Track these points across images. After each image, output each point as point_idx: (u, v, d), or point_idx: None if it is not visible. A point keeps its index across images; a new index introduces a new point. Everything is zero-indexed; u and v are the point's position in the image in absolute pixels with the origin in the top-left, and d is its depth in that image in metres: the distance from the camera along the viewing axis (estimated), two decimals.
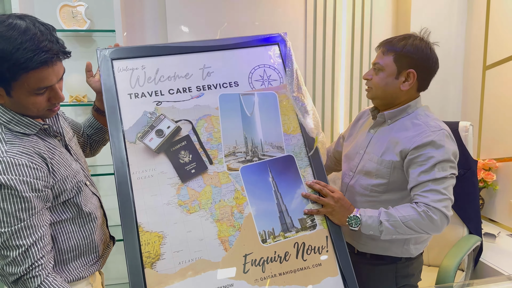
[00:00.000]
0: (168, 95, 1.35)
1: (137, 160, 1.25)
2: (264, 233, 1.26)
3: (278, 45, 1.50)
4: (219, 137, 1.34)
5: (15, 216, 0.98)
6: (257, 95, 1.42)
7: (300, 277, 1.23)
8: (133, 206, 1.20)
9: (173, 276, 1.16)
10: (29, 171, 0.99)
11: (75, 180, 1.13)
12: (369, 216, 1.29)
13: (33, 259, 1.00)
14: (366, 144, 1.44)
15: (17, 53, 0.93)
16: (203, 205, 1.25)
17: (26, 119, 1.05)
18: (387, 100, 1.39)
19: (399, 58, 1.33)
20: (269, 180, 1.32)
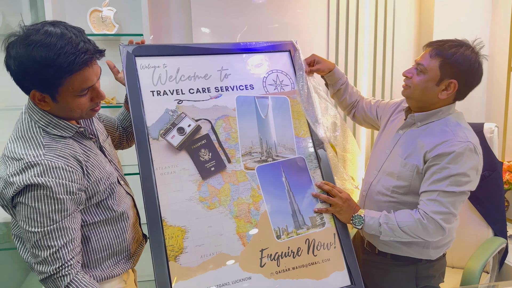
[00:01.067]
0: (189, 94, 1.40)
1: (160, 157, 1.29)
2: (278, 229, 1.33)
3: (290, 52, 1.59)
4: (237, 137, 1.40)
5: (49, 217, 1.00)
6: (270, 99, 1.49)
7: (311, 271, 1.32)
8: (157, 201, 1.23)
9: (196, 269, 1.21)
10: (65, 174, 1.01)
11: (108, 182, 1.15)
12: (371, 217, 1.36)
13: (63, 260, 1.02)
14: (393, 144, 1.44)
15: (59, 58, 0.95)
16: (223, 201, 1.31)
17: (64, 122, 1.07)
18: (422, 103, 1.36)
19: (445, 66, 1.27)
20: (282, 180, 1.40)
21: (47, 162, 0.99)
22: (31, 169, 0.98)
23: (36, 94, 1.01)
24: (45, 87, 0.99)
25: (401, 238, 1.35)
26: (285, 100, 1.52)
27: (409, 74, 1.35)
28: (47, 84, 0.98)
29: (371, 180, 1.48)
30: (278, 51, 1.57)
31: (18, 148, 1.01)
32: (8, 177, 0.98)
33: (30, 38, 0.95)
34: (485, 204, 1.78)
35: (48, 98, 1.02)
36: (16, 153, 1.00)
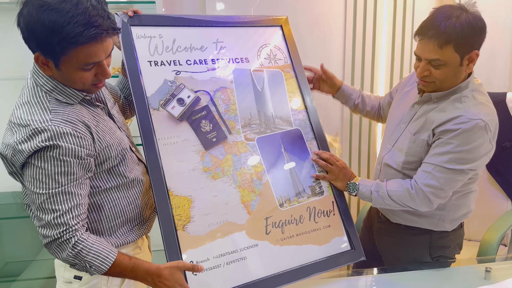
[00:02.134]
0: (186, 66, 1.38)
1: (161, 127, 1.26)
2: (281, 198, 1.35)
3: (281, 28, 1.60)
4: (235, 109, 1.40)
5: (55, 179, 0.96)
6: (266, 72, 1.50)
7: (314, 237, 1.36)
8: (162, 171, 1.21)
9: (204, 237, 1.20)
10: (73, 139, 0.98)
11: (120, 148, 1.12)
12: (364, 185, 1.39)
13: (67, 225, 0.98)
14: (408, 119, 1.38)
15: (68, 26, 0.91)
16: (226, 172, 1.30)
17: (69, 89, 1.02)
18: (453, 86, 1.28)
19: (459, 46, 1.18)
20: (281, 150, 1.42)
21: (54, 128, 0.95)
22: (38, 136, 0.94)
23: (40, 57, 0.97)
24: (48, 53, 0.95)
25: (390, 206, 1.35)
26: (280, 73, 1.53)
27: (427, 72, 1.24)
28: (51, 50, 0.94)
29: (384, 153, 1.45)
30: (270, 26, 1.58)
31: (24, 114, 0.97)
32: (16, 144, 0.94)
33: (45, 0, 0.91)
34: (505, 176, 1.72)
35: (51, 64, 0.98)
36: (22, 119, 0.96)
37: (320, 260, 1.33)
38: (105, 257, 1.02)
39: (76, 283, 1.12)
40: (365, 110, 1.68)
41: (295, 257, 1.30)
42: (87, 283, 1.12)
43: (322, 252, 1.35)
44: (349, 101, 1.67)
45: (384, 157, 1.44)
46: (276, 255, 1.28)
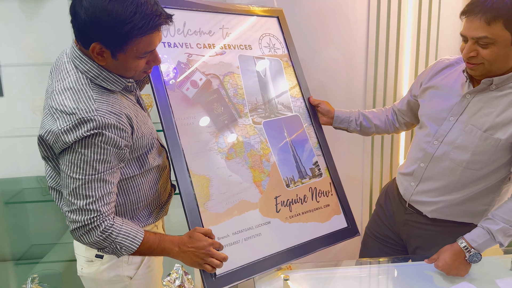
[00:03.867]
0: (197, 49, 1.40)
1: (178, 108, 1.28)
2: (287, 179, 1.43)
3: (278, 19, 1.68)
4: (243, 94, 1.45)
5: (93, 166, 0.96)
6: (267, 60, 1.57)
7: (317, 215, 1.45)
8: (182, 150, 1.23)
9: (223, 215, 1.24)
10: (116, 130, 0.98)
11: (151, 137, 1.13)
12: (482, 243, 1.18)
13: (98, 212, 0.99)
14: (460, 110, 1.25)
15: (135, 16, 0.92)
16: (238, 153, 1.35)
17: (114, 75, 1.02)
18: (503, 70, 1.17)
19: (510, 23, 1.08)
20: (284, 134, 1.50)
21: (100, 119, 0.95)
22: (85, 125, 0.93)
23: (97, 47, 0.95)
24: (111, 43, 0.95)
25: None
26: (279, 62, 1.61)
27: (473, 53, 1.14)
28: (116, 40, 0.94)
29: (433, 151, 1.31)
30: (268, 16, 1.65)
31: (67, 101, 0.95)
32: (61, 132, 0.93)
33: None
34: None
35: (108, 54, 0.97)
36: (67, 106, 0.94)
37: (323, 236, 1.43)
38: (134, 236, 1.03)
39: (98, 261, 1.11)
40: (373, 125, 1.56)
41: (302, 233, 1.39)
42: (108, 261, 1.12)
43: (324, 228, 1.45)
44: (351, 124, 1.56)
45: (434, 154, 1.30)
46: (286, 231, 1.35)
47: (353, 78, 2.10)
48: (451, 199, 1.31)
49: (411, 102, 1.50)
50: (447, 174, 1.29)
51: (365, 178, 2.20)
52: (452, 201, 1.31)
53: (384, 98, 2.11)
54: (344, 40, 2.05)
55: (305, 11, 2.00)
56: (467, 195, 1.29)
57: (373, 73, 2.09)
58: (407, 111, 1.53)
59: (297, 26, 1.87)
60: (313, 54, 2.06)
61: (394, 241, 1.51)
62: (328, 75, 2.09)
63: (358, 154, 2.19)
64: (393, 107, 1.60)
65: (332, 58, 2.06)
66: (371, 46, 2.07)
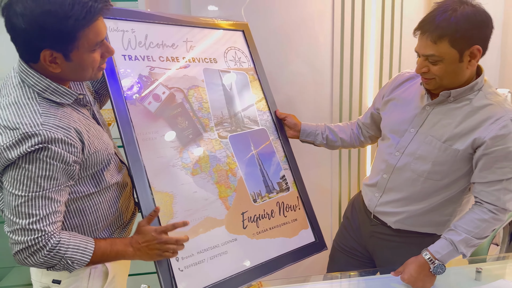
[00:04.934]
0: (159, 62, 1.36)
1: (139, 122, 1.23)
2: (254, 194, 1.40)
3: (243, 32, 1.67)
4: (208, 107, 1.42)
5: (37, 182, 0.90)
6: (233, 73, 1.55)
7: (285, 230, 1.43)
8: (144, 167, 1.18)
9: (187, 233, 1.19)
10: (63, 146, 0.92)
11: (106, 153, 1.07)
12: (445, 255, 1.20)
13: (43, 232, 0.92)
14: (420, 122, 1.27)
15: (74, 8, 0.87)
16: (203, 168, 1.32)
17: (63, 88, 0.97)
18: (455, 84, 1.20)
19: (456, 41, 1.11)
20: (251, 148, 1.48)
21: (45, 133, 0.89)
22: (29, 140, 0.87)
23: (47, 55, 0.90)
24: (60, 44, 0.90)
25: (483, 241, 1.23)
26: (245, 75, 1.60)
27: (425, 69, 1.19)
28: (64, 39, 0.89)
29: (394, 162, 1.32)
30: (234, 30, 1.64)
31: (12, 116, 0.89)
32: (4, 148, 0.87)
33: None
34: None
35: (60, 58, 0.92)
36: (11, 122, 0.88)
37: (291, 251, 1.41)
38: (84, 248, 0.98)
39: (55, 287, 1.03)
40: (339, 138, 1.57)
41: (269, 249, 1.36)
42: (67, 287, 1.04)
43: (292, 244, 1.43)
44: (317, 137, 1.57)
45: (396, 165, 1.32)
46: (253, 248, 1.32)
47: (320, 91, 2.12)
48: (413, 210, 1.32)
49: (374, 115, 1.52)
50: (409, 185, 1.31)
51: (334, 190, 2.21)
52: (415, 212, 1.32)
53: (350, 111, 2.14)
54: (310, 54, 2.08)
55: (271, 25, 2.01)
56: (429, 206, 1.30)
57: (338, 87, 2.12)
58: (371, 124, 1.56)
59: (263, 40, 1.88)
60: (280, 68, 2.07)
61: (361, 253, 1.51)
62: (296, 89, 2.10)
63: (326, 166, 2.20)
64: (358, 121, 1.62)
65: (299, 72, 2.08)
66: (336, 60, 2.11)
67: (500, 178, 1.17)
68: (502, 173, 1.17)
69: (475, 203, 1.25)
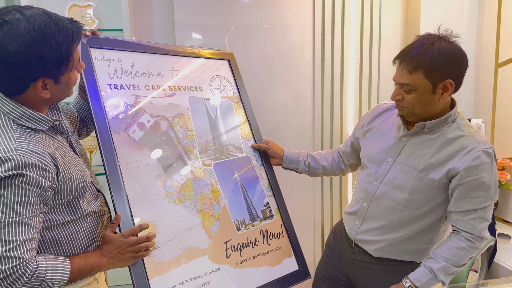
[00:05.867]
0: (145, 91, 1.38)
1: (123, 151, 1.23)
2: (237, 222, 1.40)
3: (229, 61, 1.71)
4: (193, 135, 1.43)
5: (13, 208, 0.90)
6: (218, 101, 1.58)
7: (268, 259, 1.43)
8: (126, 195, 1.17)
9: (169, 263, 1.19)
10: (37, 171, 0.93)
11: (82, 180, 1.07)
12: (426, 282, 1.23)
13: (21, 259, 0.91)
14: (396, 152, 1.31)
15: (62, 35, 0.92)
16: (187, 196, 1.32)
17: (38, 114, 0.98)
18: (427, 115, 1.24)
19: (430, 73, 1.16)
20: (235, 176, 1.49)
21: (19, 158, 0.89)
22: (2, 166, 0.88)
23: (39, 84, 0.93)
24: (57, 69, 0.94)
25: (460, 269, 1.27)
26: (230, 103, 1.62)
27: (399, 96, 1.24)
28: (61, 65, 0.94)
29: (373, 191, 1.35)
30: (219, 59, 1.67)
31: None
32: None
33: (17, 28, 0.87)
34: None
35: (51, 84, 0.96)
36: None
37: (274, 280, 1.40)
38: (62, 267, 0.98)
39: None
40: (321, 166, 1.60)
41: (253, 279, 1.35)
42: None
43: (275, 272, 1.42)
44: (300, 164, 1.60)
45: (375, 194, 1.35)
46: (236, 278, 1.31)
47: (302, 119, 2.16)
48: (392, 238, 1.34)
49: (354, 144, 1.55)
50: (387, 213, 1.33)
51: (317, 217, 2.23)
52: (394, 240, 1.34)
53: (331, 138, 2.19)
54: (293, 83, 2.14)
55: (254, 54, 2.06)
56: (407, 234, 1.32)
57: (320, 115, 2.17)
58: (351, 153, 1.59)
59: (247, 69, 1.92)
60: (264, 95, 2.11)
61: (343, 281, 1.51)
62: (279, 116, 2.14)
63: (309, 193, 2.22)
64: (339, 149, 1.65)
65: (282, 100, 2.12)
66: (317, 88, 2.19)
67: (475, 208, 1.21)
68: (477, 202, 1.20)
69: (453, 231, 1.28)
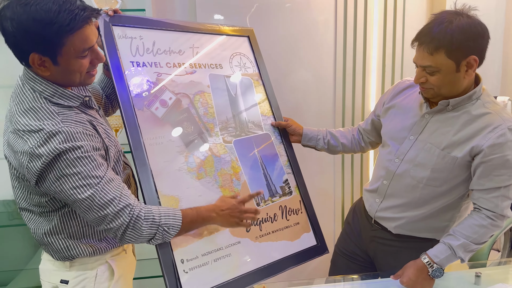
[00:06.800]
0: (166, 68, 1.40)
1: (147, 127, 1.26)
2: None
3: (248, 38, 1.70)
4: (213, 112, 1.45)
5: (93, 175, 0.97)
6: (238, 78, 1.58)
7: (287, 234, 1.46)
8: (150, 170, 1.21)
9: (192, 236, 1.23)
10: (86, 137, 0.99)
11: (116, 149, 1.13)
12: (443, 259, 1.22)
13: (129, 206, 1.02)
14: (419, 130, 1.30)
15: (60, 16, 0.91)
16: (208, 172, 1.35)
17: (69, 91, 1.02)
18: (453, 93, 1.22)
19: (452, 52, 1.13)
20: (255, 153, 1.51)
21: (67, 129, 0.95)
22: (55, 138, 0.93)
23: (36, 58, 0.95)
24: (46, 48, 0.94)
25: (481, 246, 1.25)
26: (250, 81, 1.63)
27: (423, 79, 1.22)
28: (49, 44, 0.93)
29: (394, 169, 1.35)
30: (239, 36, 1.67)
31: (32, 120, 0.95)
32: (33, 149, 0.92)
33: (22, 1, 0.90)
34: None
35: (48, 62, 0.96)
36: (33, 126, 0.94)
37: (293, 254, 1.43)
38: (174, 214, 1.09)
39: (63, 286, 1.07)
40: (340, 143, 1.60)
41: (272, 252, 1.39)
42: (74, 286, 1.08)
43: (294, 247, 1.46)
44: (319, 142, 1.60)
45: (396, 172, 1.34)
46: (256, 251, 1.35)
47: (323, 98, 2.15)
48: (413, 215, 1.34)
49: (375, 121, 1.54)
50: (408, 191, 1.33)
51: (337, 195, 2.24)
52: (414, 217, 1.34)
53: (353, 117, 2.17)
54: (314, 62, 2.11)
55: (275, 34, 2.04)
56: (428, 212, 1.32)
57: (341, 93, 2.15)
58: (372, 131, 1.58)
59: (268, 49, 1.90)
60: (284, 75, 2.10)
61: (362, 258, 1.53)
62: (299, 95, 2.13)
63: (329, 171, 2.23)
64: (359, 127, 1.64)
65: (303, 79, 2.11)
66: (339, 67, 2.15)
67: (498, 186, 1.20)
68: (500, 180, 1.19)
69: (474, 209, 1.28)
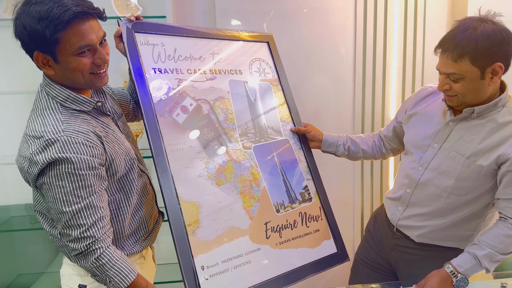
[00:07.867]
0: (187, 74, 1.41)
1: (168, 133, 1.27)
2: (277, 204, 1.43)
3: (268, 44, 1.70)
4: (233, 118, 1.45)
5: (75, 194, 0.98)
6: (257, 84, 1.58)
7: (307, 241, 1.44)
8: (171, 176, 1.22)
9: (212, 242, 1.23)
10: (85, 149, 0.98)
11: (128, 157, 1.13)
12: (469, 268, 1.19)
13: (93, 238, 1.01)
14: (443, 138, 1.27)
15: (52, 11, 0.93)
16: (228, 178, 1.35)
17: (81, 96, 1.04)
18: (478, 101, 1.20)
19: (476, 59, 1.11)
20: (274, 159, 1.50)
21: (66, 138, 0.96)
22: (52, 146, 0.95)
23: (39, 56, 0.98)
24: (44, 45, 0.96)
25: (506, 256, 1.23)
26: (269, 86, 1.63)
27: (447, 86, 1.19)
28: (45, 41, 0.94)
29: (417, 177, 1.32)
30: (258, 41, 1.67)
31: (38, 126, 0.98)
32: (32, 156, 0.95)
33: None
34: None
35: (51, 60, 0.99)
36: (37, 131, 0.97)
37: (313, 262, 1.42)
38: (125, 275, 1.04)
39: None
40: (361, 149, 1.58)
41: (292, 259, 1.38)
42: None
43: (314, 254, 1.44)
44: (339, 148, 1.58)
45: (419, 180, 1.32)
46: (276, 258, 1.34)
47: (342, 103, 2.13)
48: (437, 224, 1.32)
49: (397, 128, 1.52)
50: (432, 200, 1.31)
51: (356, 203, 2.21)
52: (438, 226, 1.32)
53: (372, 123, 2.14)
54: (333, 67, 2.10)
55: (293, 39, 2.04)
56: (453, 221, 1.30)
57: (361, 99, 2.13)
58: (393, 137, 1.56)
59: (287, 54, 1.91)
60: (303, 81, 2.09)
61: (383, 266, 1.51)
62: (318, 100, 2.12)
63: (348, 179, 2.20)
64: (380, 133, 1.62)
65: (322, 85, 2.10)
66: (358, 73, 2.13)
67: None
68: None
69: (500, 218, 1.24)
